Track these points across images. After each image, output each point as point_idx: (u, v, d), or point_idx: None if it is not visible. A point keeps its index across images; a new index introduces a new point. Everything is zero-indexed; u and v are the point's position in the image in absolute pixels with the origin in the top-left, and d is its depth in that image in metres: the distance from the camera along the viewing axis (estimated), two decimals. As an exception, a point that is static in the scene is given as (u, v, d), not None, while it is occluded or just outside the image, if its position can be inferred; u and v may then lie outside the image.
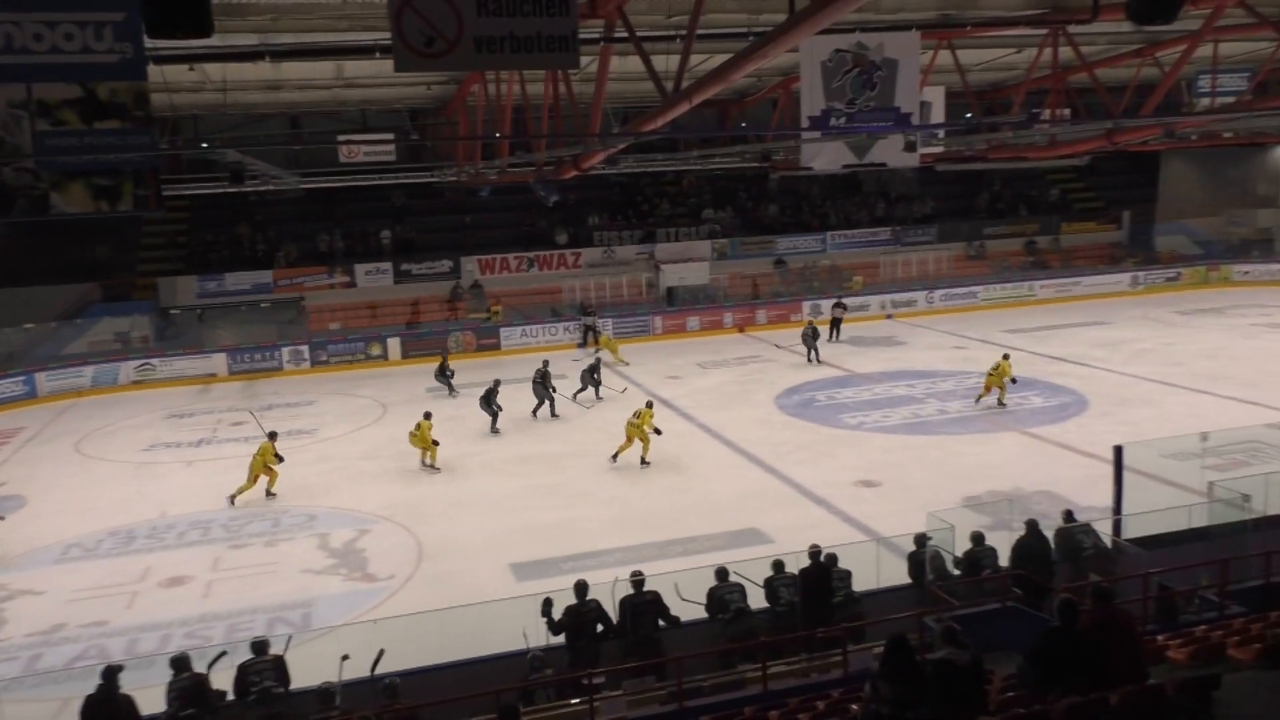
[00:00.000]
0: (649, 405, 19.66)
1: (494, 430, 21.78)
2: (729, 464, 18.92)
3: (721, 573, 10.36)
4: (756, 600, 10.37)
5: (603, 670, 9.08)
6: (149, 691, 9.22)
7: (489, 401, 21.96)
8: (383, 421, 23.60)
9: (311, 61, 18.05)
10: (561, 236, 35.01)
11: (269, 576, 14.64)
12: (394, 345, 30.82)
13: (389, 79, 22.24)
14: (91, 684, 9.02)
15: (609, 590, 9.98)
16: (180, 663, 9.32)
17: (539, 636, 9.69)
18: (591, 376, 24.24)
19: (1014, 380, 21.66)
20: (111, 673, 9.01)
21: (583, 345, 31.01)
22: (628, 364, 28.34)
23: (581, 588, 9.98)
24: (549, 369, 23.28)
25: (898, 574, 11.24)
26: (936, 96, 17.61)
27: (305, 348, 30.42)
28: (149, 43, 6.81)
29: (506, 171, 22.16)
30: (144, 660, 11.78)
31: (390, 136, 27.51)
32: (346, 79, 22.24)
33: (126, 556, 15.82)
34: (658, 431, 19.09)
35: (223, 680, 9.43)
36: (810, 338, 27.68)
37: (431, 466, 19.28)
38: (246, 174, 22.46)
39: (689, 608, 10.21)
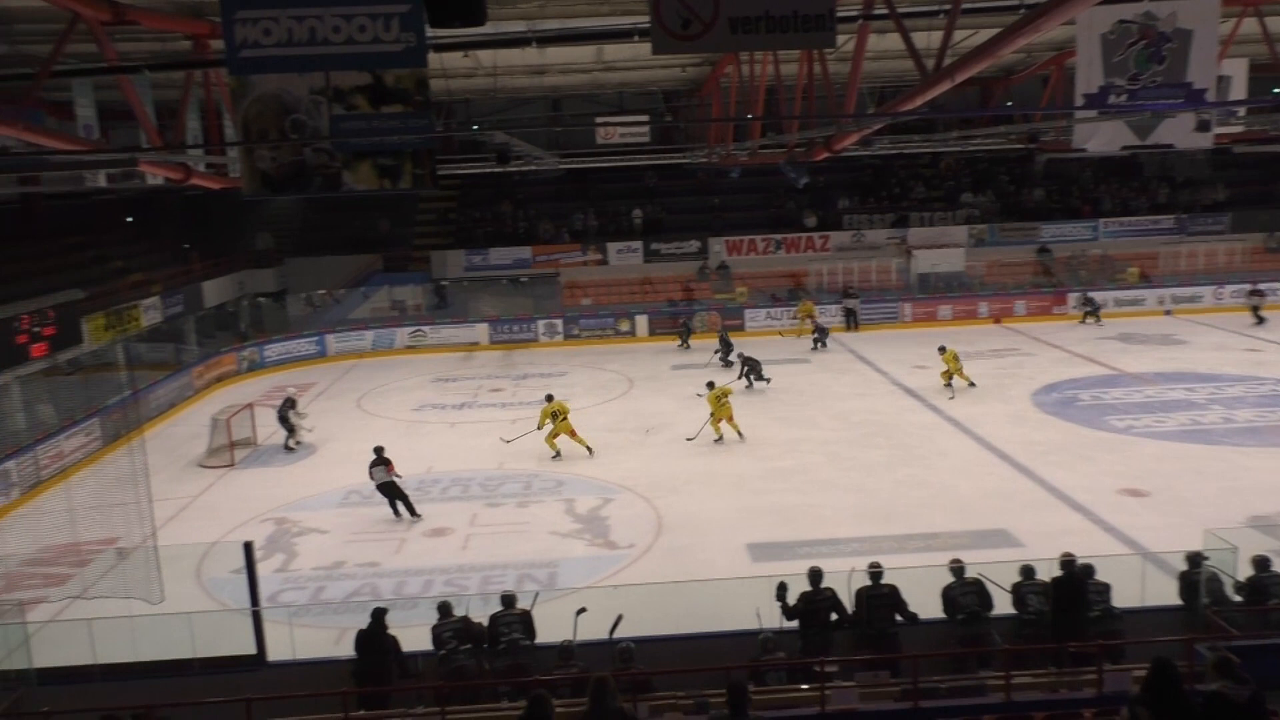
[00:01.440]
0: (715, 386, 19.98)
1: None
2: (977, 460, 18.04)
3: (958, 570, 9.89)
4: (1002, 605, 9.83)
5: (836, 660, 8.93)
6: (410, 630, 10.00)
7: (754, 371, 22.73)
8: (629, 395, 24.29)
9: (574, 46, 18.71)
10: (810, 219, 34.52)
11: (519, 536, 15.43)
12: (641, 322, 31.59)
13: (646, 62, 22.68)
14: (364, 618, 9.93)
15: (844, 580, 9.79)
16: (446, 607, 10.04)
17: (772, 619, 9.66)
18: (745, 367, 23.82)
19: None
20: (380, 613, 9.88)
21: (684, 345, 29.62)
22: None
23: (816, 575, 9.84)
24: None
25: (1165, 594, 10.28)
26: (1238, 70, 15.80)
27: (559, 321, 31.74)
28: (430, 32, 7.28)
29: (757, 153, 22.06)
30: (408, 601, 12.79)
31: (645, 118, 28.11)
32: (605, 62, 22.88)
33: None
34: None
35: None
36: (824, 334, 28.57)
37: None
38: (511, 155, 23.63)
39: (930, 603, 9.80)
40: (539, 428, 19.61)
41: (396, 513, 16.41)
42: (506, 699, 9.07)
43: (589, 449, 19.20)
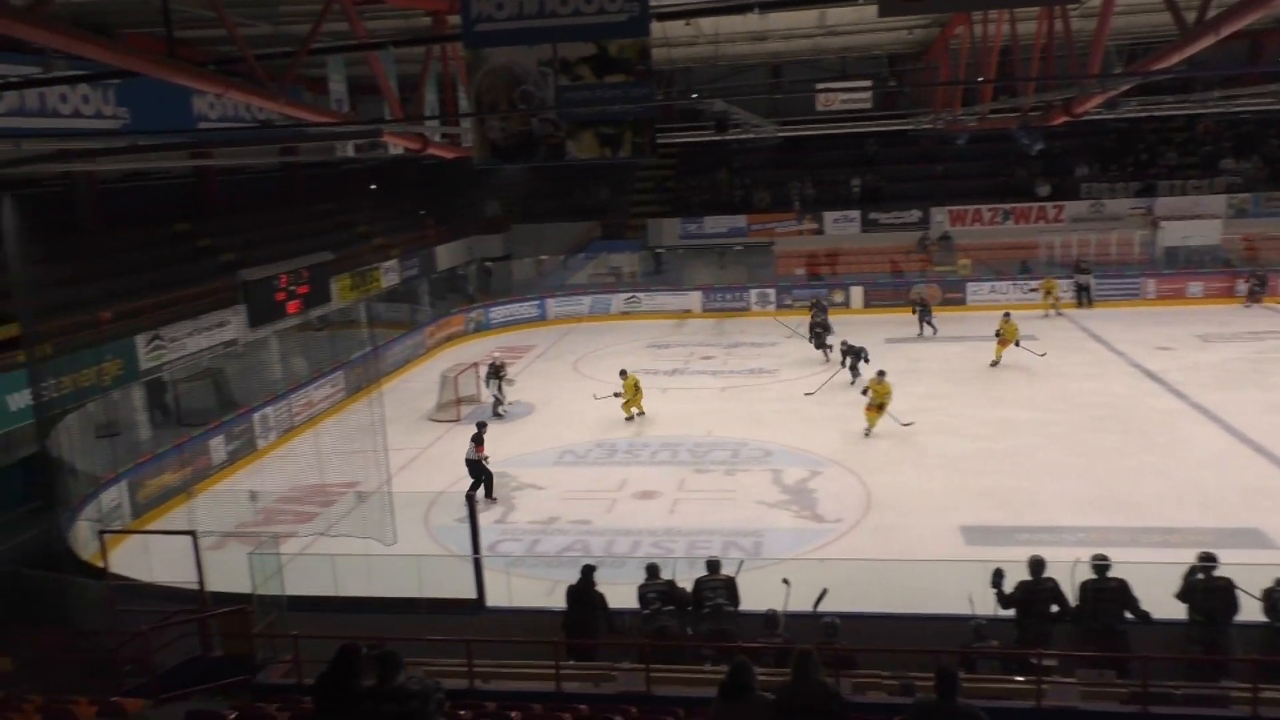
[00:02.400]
0: (880, 375, 18.67)
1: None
2: (1227, 452, 16.51)
3: (1206, 565, 9.06)
4: (1250, 612, 8.96)
5: (1056, 654, 8.45)
6: (617, 588, 10.30)
7: (855, 360, 22.00)
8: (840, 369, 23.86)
9: (796, 11, 18.30)
10: (1043, 188, 32.42)
11: (726, 503, 15.52)
12: (856, 294, 30.82)
13: (871, 25, 21.89)
14: (575, 573, 10.27)
15: (1068, 571, 9.22)
16: (654, 569, 10.24)
17: (985, 605, 9.25)
18: (848, 356, 22.29)
19: None
20: (589, 570, 10.18)
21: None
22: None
23: (1038, 564, 9.32)
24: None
25: None
26: None
27: (771, 291, 31.44)
28: (652, 0, 7.32)
29: (987, 118, 20.88)
30: (616, 560, 13.22)
31: (868, 83, 27.20)
32: (828, 27, 22.27)
33: (608, 467, 17.69)
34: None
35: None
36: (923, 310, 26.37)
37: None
38: (730, 123, 23.50)
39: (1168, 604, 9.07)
40: (620, 398, 20.02)
41: (488, 494, 16.25)
42: (709, 662, 9.18)
43: (637, 413, 20.03)
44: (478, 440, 16.43)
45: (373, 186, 33.99)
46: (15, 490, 14.13)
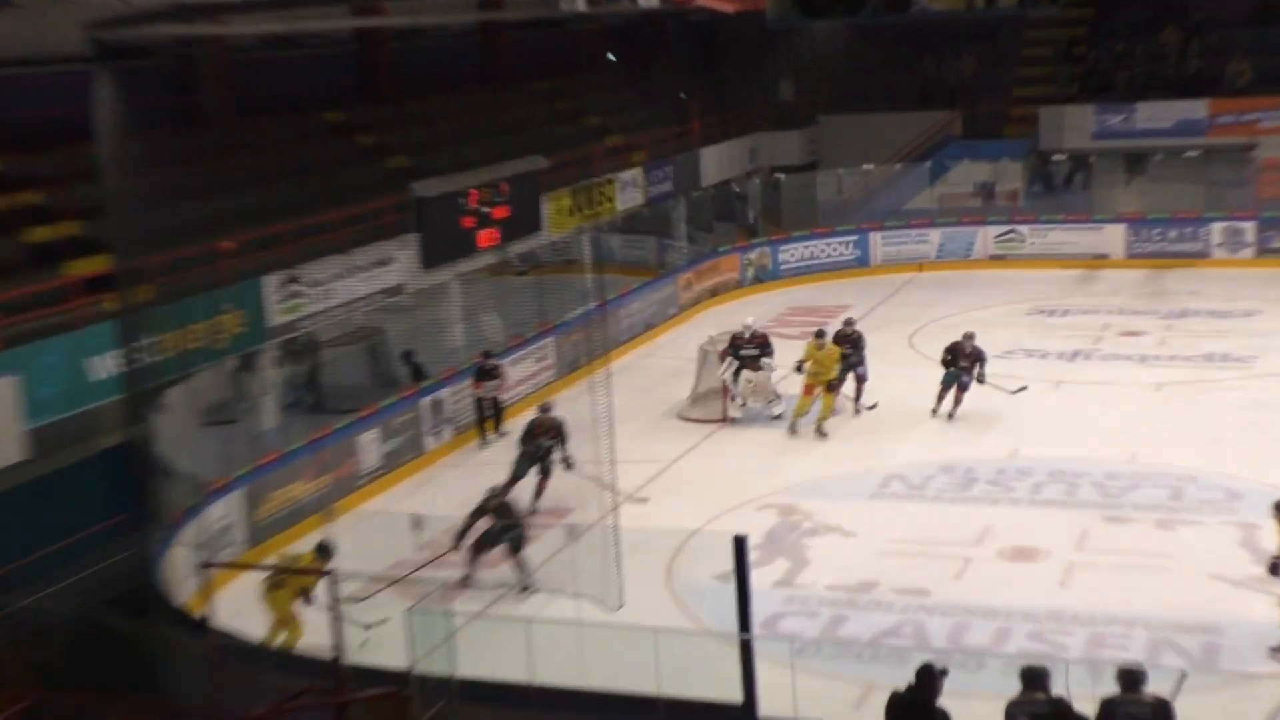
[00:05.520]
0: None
1: None
2: None
3: None
4: None
5: None
6: (972, 703, 9.90)
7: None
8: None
9: None
10: None
11: (1158, 573, 14.86)
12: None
13: None
14: (903, 673, 9.87)
15: None
16: (1034, 676, 9.70)
17: None
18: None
19: None
20: (929, 672, 9.69)
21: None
22: None
23: None
24: None
25: None
26: None
27: (1249, 225, 29.95)
28: None
29: None
30: (970, 656, 12.79)
31: None
32: None
33: (962, 505, 17.26)
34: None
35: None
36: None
37: None
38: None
39: None
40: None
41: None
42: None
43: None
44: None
45: (611, 57, 34.60)
46: (95, 495, 15.28)
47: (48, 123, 18.65)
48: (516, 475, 17.21)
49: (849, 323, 21.40)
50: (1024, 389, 20.19)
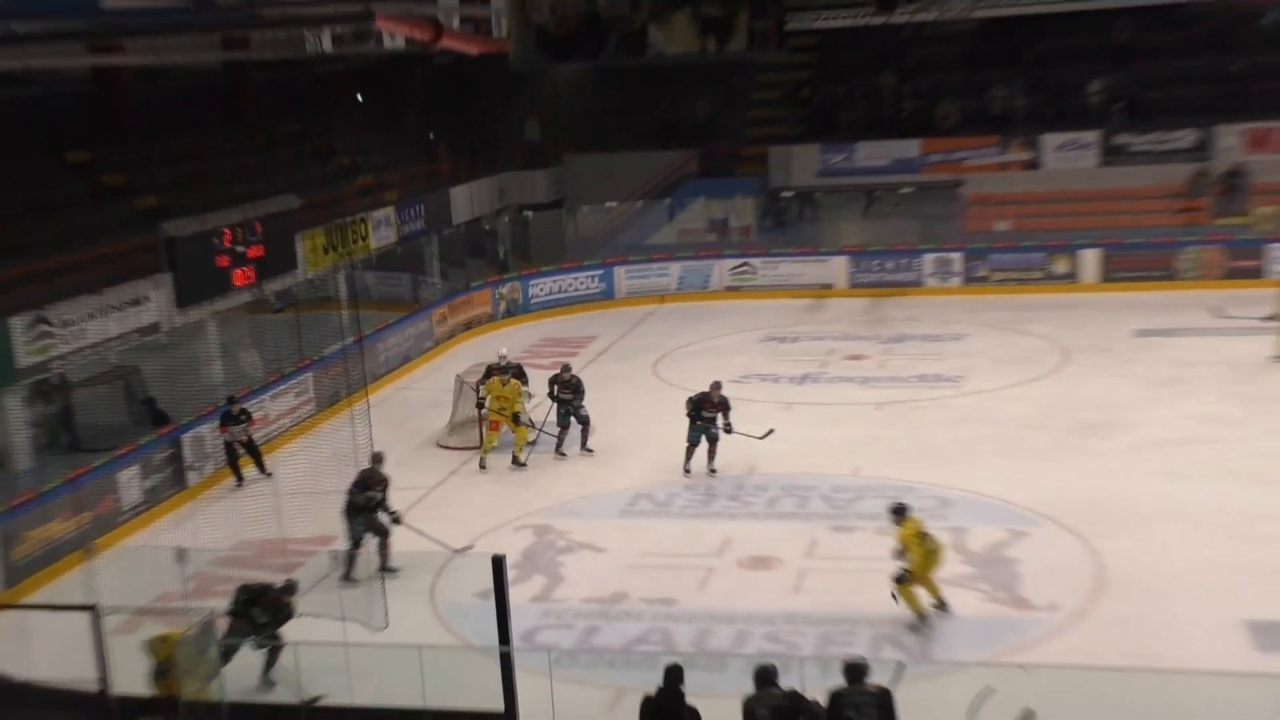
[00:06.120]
0: None
1: None
2: None
3: None
4: None
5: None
6: (715, 701, 10.38)
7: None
8: (1060, 375, 23.70)
9: None
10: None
11: (878, 576, 15.04)
12: (1090, 260, 30.49)
13: None
14: (652, 677, 10.43)
15: None
16: (767, 674, 10.29)
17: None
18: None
19: None
20: (675, 674, 10.30)
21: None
22: None
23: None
24: None
25: None
26: None
27: (957, 256, 31.24)
28: None
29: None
30: (713, 658, 13.34)
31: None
32: None
33: (704, 519, 17.84)
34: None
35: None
36: None
37: None
38: (899, -1, 23.09)
39: None
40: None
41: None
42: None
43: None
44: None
45: (359, 98, 34.51)
46: None
47: None
48: (354, 536, 16.49)
49: (566, 369, 21.13)
50: (771, 432, 19.93)
